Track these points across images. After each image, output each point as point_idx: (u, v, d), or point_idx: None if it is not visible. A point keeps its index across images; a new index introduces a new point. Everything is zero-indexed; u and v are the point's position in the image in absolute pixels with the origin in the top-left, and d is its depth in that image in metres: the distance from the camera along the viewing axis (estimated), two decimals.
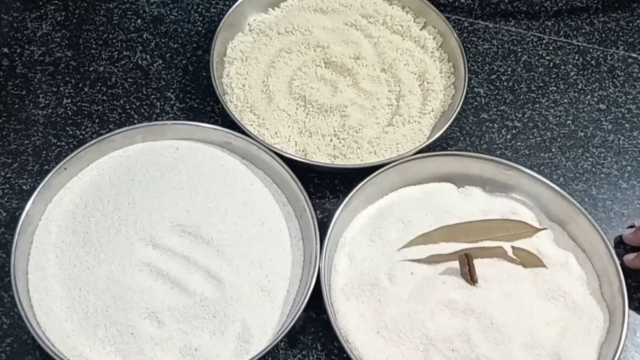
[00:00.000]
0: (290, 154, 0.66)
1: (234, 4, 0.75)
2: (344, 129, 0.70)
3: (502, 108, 0.77)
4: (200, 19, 0.81)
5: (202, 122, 0.68)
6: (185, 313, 0.58)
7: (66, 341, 0.56)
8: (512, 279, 0.60)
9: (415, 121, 0.72)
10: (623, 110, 0.77)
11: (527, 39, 0.82)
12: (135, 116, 0.73)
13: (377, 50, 0.75)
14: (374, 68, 0.74)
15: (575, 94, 0.78)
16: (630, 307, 0.60)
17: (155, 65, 0.77)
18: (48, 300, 0.58)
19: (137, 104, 0.74)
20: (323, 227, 0.61)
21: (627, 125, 0.76)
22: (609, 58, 0.81)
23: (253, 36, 0.77)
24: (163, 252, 0.60)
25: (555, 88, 0.79)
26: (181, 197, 0.63)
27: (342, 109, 0.71)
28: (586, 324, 0.59)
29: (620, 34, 0.84)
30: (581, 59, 0.81)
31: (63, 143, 0.70)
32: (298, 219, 0.64)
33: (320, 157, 0.68)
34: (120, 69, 0.76)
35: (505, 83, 0.79)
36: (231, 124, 0.67)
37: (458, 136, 0.74)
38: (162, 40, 0.79)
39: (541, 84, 0.79)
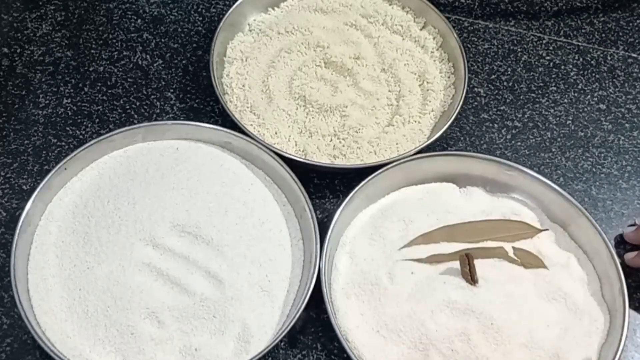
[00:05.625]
0: (290, 154, 0.66)
1: (234, 4, 0.75)
2: (344, 129, 0.70)
3: (502, 108, 0.77)
4: (200, 19, 0.81)
5: (202, 122, 0.68)
6: (185, 313, 0.58)
7: (66, 341, 0.56)
8: (512, 280, 0.60)
9: (415, 121, 0.72)
10: (623, 110, 0.77)
11: (527, 39, 0.82)
12: (135, 116, 0.73)
13: (377, 50, 0.75)
14: (374, 68, 0.74)
15: (575, 94, 0.78)
16: (630, 307, 0.60)
17: (155, 65, 0.77)
18: (48, 300, 0.58)
19: (137, 104, 0.74)
20: (323, 227, 0.61)
21: (627, 125, 0.76)
22: (609, 58, 0.81)
23: (253, 36, 0.77)
24: (163, 252, 0.60)
25: (555, 88, 0.79)
26: (181, 197, 0.63)
27: (342, 109, 0.71)
28: (586, 325, 0.59)
29: (620, 34, 0.84)
30: (581, 59, 0.81)
31: (63, 143, 0.70)
32: (298, 219, 0.64)
33: (320, 157, 0.68)
34: (120, 69, 0.76)
35: (505, 83, 0.79)
36: (231, 124, 0.67)
37: (458, 136, 0.74)
38: (162, 40, 0.79)
39: (541, 84, 0.79)
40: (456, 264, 0.60)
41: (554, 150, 0.74)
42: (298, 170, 0.64)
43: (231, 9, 0.75)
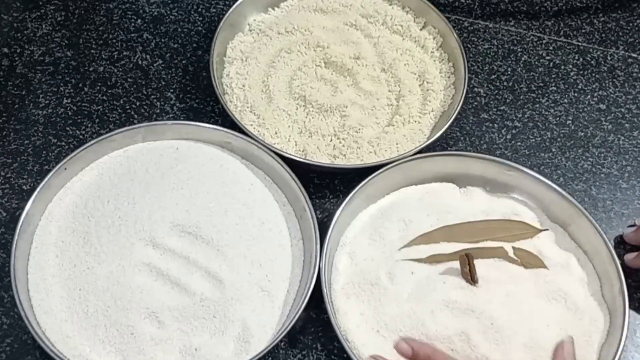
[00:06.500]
0: (290, 154, 0.66)
1: (234, 4, 0.75)
2: (344, 129, 0.70)
3: (502, 108, 0.77)
4: (200, 19, 0.81)
5: (202, 122, 0.68)
6: (185, 313, 0.58)
7: (66, 341, 0.56)
8: (512, 280, 0.60)
9: (415, 121, 0.72)
10: (623, 110, 0.77)
11: (527, 39, 0.82)
12: (135, 116, 0.73)
13: (377, 50, 0.75)
14: (374, 68, 0.74)
15: (575, 94, 0.78)
16: (630, 307, 0.60)
17: (155, 65, 0.77)
18: (48, 300, 0.58)
19: (137, 104, 0.74)
20: (323, 227, 0.61)
21: (627, 125, 0.76)
22: (609, 58, 0.81)
23: (253, 36, 0.77)
24: (163, 252, 0.60)
25: (555, 88, 0.79)
26: (181, 197, 0.63)
27: (342, 109, 0.71)
28: (586, 325, 0.59)
29: (620, 34, 0.84)
30: (581, 59, 0.81)
31: (63, 143, 0.70)
32: (298, 219, 0.64)
33: (320, 157, 0.68)
34: (120, 69, 0.76)
35: (505, 83, 0.79)
36: (231, 124, 0.67)
37: (458, 136, 0.74)
38: (162, 40, 0.79)
39: (541, 84, 0.79)
40: (456, 264, 0.60)
41: (554, 150, 0.74)
42: (298, 170, 0.64)
43: (231, 9, 0.75)
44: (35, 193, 0.61)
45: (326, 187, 0.69)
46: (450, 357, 0.52)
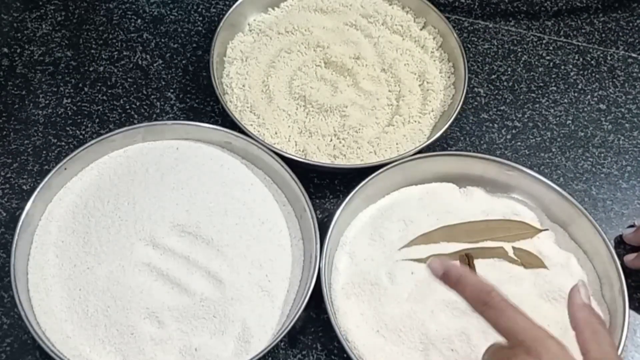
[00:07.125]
0: (290, 154, 0.66)
1: (234, 4, 0.75)
2: (344, 129, 0.70)
3: (502, 108, 0.77)
4: (200, 19, 0.81)
5: (202, 122, 0.68)
6: (185, 313, 0.58)
7: (66, 341, 0.56)
8: (512, 280, 0.60)
9: (415, 121, 0.72)
10: (623, 110, 0.77)
11: (527, 39, 0.82)
12: (135, 116, 0.73)
13: (377, 50, 0.75)
14: (374, 68, 0.74)
15: (575, 94, 0.78)
16: (630, 307, 0.60)
17: (155, 65, 0.77)
18: (48, 300, 0.58)
19: (137, 104, 0.74)
20: (323, 227, 0.61)
21: (627, 125, 0.76)
22: (609, 58, 0.81)
23: (253, 36, 0.77)
24: (163, 252, 0.60)
25: (555, 88, 0.79)
26: (181, 197, 0.63)
27: (342, 109, 0.71)
28: None
29: (620, 34, 0.84)
30: (581, 59, 0.81)
31: (63, 143, 0.70)
32: (298, 219, 0.64)
33: (320, 157, 0.68)
34: (120, 69, 0.76)
35: (505, 83, 0.79)
36: (231, 124, 0.67)
37: (458, 136, 0.74)
38: (162, 40, 0.79)
39: (541, 84, 0.79)
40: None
41: (554, 150, 0.74)
42: (298, 170, 0.64)
43: (231, 9, 0.75)
44: (35, 193, 0.61)
45: (326, 187, 0.69)
46: (483, 281, 0.49)
